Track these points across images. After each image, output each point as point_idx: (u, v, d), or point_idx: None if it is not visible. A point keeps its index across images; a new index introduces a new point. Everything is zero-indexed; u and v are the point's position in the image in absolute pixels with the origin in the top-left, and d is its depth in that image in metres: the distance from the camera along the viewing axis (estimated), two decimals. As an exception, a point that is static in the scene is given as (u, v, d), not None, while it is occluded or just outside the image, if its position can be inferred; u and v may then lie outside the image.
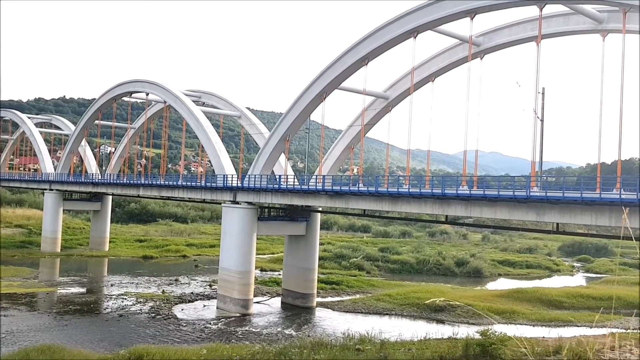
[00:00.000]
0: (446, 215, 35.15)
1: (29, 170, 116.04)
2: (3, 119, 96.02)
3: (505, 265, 72.50)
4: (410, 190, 33.93)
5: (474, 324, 39.08)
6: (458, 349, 24.51)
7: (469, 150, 34.72)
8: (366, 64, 38.17)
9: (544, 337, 30.18)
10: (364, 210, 40.09)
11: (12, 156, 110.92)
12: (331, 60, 39.66)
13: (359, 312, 43.48)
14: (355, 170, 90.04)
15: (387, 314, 43.21)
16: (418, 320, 41.42)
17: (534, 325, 39.93)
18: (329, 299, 48.44)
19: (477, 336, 25.19)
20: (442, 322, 40.75)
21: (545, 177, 31.87)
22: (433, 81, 40.06)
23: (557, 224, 29.56)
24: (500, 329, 29.34)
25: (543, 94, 32.47)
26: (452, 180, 34.12)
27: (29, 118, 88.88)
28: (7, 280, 50.18)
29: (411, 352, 24.04)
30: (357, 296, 49.35)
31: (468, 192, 30.91)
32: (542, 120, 32.15)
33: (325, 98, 40.94)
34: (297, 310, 44.10)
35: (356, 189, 36.99)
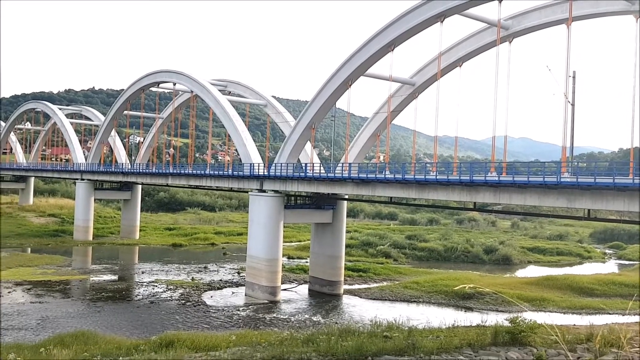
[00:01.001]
0: (474, 202, 34.76)
1: (61, 160, 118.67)
2: (35, 111, 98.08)
3: (535, 252, 71.61)
4: (438, 177, 33.63)
5: (502, 311, 38.74)
6: (487, 337, 24.27)
7: (497, 136, 34.20)
8: (392, 50, 37.77)
9: (574, 325, 29.73)
10: (391, 197, 39.89)
11: (44, 147, 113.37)
12: (357, 47, 39.35)
13: (386, 300, 43.48)
14: (381, 158, 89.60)
15: (414, 301, 43.11)
16: (446, 308, 41.24)
17: (564, 313, 39.40)
18: (356, 286, 48.53)
19: (506, 324, 24.89)
20: (470, 309, 40.50)
21: (576, 163, 31.17)
22: (460, 66, 39.46)
23: (589, 210, 28.99)
24: (530, 316, 29.01)
25: (574, 77, 31.73)
26: (481, 167, 33.70)
27: (60, 109, 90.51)
28: (42, 268, 51.55)
29: (439, 340, 23.91)
30: (384, 284, 49.34)
31: (497, 178, 30.48)
32: (573, 105, 31.45)
33: (351, 85, 40.70)
34: (324, 297, 44.32)
35: (383, 176, 36.82)
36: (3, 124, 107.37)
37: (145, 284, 46.78)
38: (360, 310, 40.11)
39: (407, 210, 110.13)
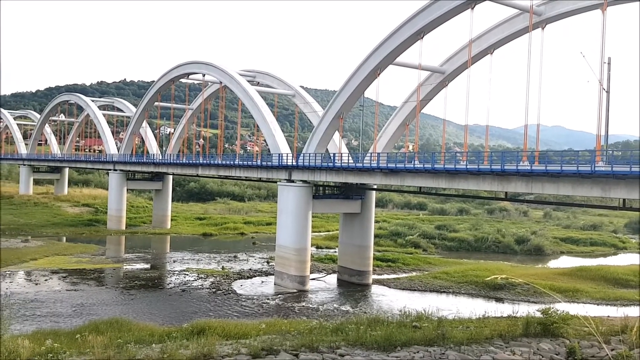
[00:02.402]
0: (506, 192, 34.26)
1: (94, 151, 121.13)
2: (68, 103, 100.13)
3: (568, 242, 70.34)
4: (468, 166, 33.20)
5: (534, 302, 38.23)
6: (518, 328, 23.99)
7: (530, 125, 33.58)
8: (421, 38, 37.31)
9: (608, 317, 29.16)
10: (420, 187, 39.61)
11: (78, 138, 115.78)
12: (385, 35, 38.98)
13: (415, 290, 43.32)
14: (410, 147, 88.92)
15: (444, 291, 42.84)
16: (476, 299, 40.88)
17: (598, 305, 38.67)
18: (385, 276, 48.45)
19: (538, 315, 24.58)
20: (501, 300, 40.07)
21: (611, 151, 30.41)
22: (492, 54, 38.73)
23: (624, 200, 28.27)
24: (563, 307, 28.56)
25: (609, 64, 30.84)
26: (512, 156, 33.11)
27: (93, 101, 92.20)
28: (77, 256, 52.84)
29: (469, 330, 23.74)
30: (414, 274, 49.14)
31: (529, 167, 29.95)
32: (607, 92, 30.61)
33: (379, 74, 40.39)
34: (353, 287, 44.38)
35: (412, 166, 36.53)
36: (38, 115, 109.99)
37: (176, 272, 47.55)
38: (389, 300, 40.05)
39: (437, 200, 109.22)
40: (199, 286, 42.29)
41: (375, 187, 47.30)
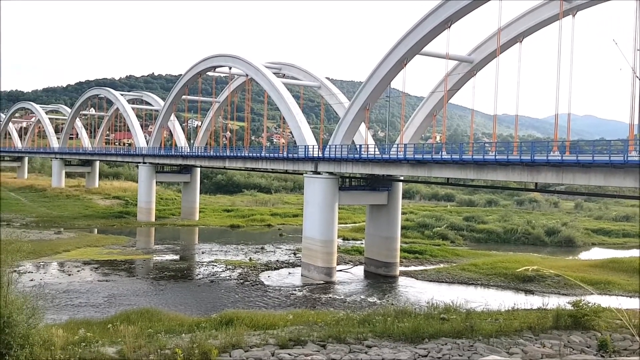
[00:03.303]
0: (536, 183, 33.71)
1: (124, 144, 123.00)
2: (98, 97, 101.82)
3: (600, 234, 69.01)
4: (497, 157, 32.75)
5: (565, 294, 37.63)
6: (548, 320, 23.69)
7: (560, 114, 32.93)
8: (449, 27, 36.80)
9: (642, 310, 28.54)
10: (448, 178, 39.22)
11: (107, 132, 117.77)
12: (412, 25, 38.56)
13: (443, 282, 43.04)
14: (437, 138, 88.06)
15: (472, 283, 42.46)
16: (505, 291, 40.42)
17: (630, 297, 37.86)
18: (412, 268, 48.25)
19: (569, 307, 24.21)
20: (531, 292, 39.55)
21: (645, 141, 29.61)
22: (521, 42, 37.99)
23: (659, 190, 27.53)
24: (594, 299, 28.05)
25: (644, 50, 29.94)
26: (542, 146, 32.51)
27: (122, 95, 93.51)
28: (108, 248, 53.89)
29: (498, 322, 23.52)
30: (441, 265, 48.81)
31: (560, 157, 29.38)
32: (642, 79, 29.75)
33: (406, 64, 40.02)
34: (380, 278, 44.32)
35: (439, 157, 36.17)
36: (69, 110, 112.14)
37: (205, 263, 48.13)
38: (417, 292, 39.88)
39: (465, 192, 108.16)
40: (227, 277, 42.74)
41: (402, 178, 47.02)
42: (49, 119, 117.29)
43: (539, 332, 22.73)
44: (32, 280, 37.92)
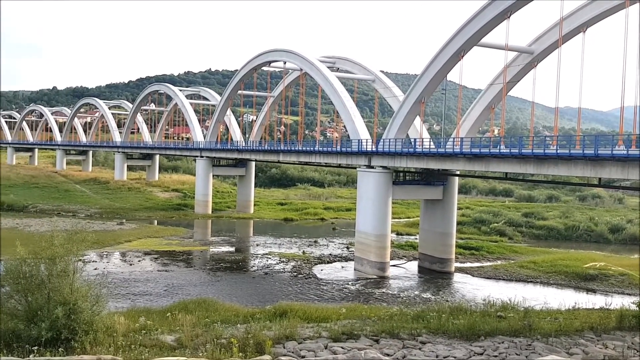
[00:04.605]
0: (599, 178, 32.40)
1: (182, 139, 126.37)
2: (158, 92, 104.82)
3: (669, 232, 65.51)
4: (558, 151, 31.62)
5: (629, 294, 36.02)
6: (611, 320, 22.75)
7: (626, 106, 31.40)
8: (508, 17, 35.74)
9: None
10: (506, 173, 38.21)
11: (167, 126, 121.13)
12: (470, 16, 37.67)
13: (500, 279, 42.04)
14: (496, 132, 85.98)
15: (531, 281, 41.28)
16: (566, 289, 39.08)
17: (703, 300, 35.80)
18: (468, 264, 47.37)
19: (634, 307, 23.18)
20: (593, 291, 38.07)
21: None
22: (584, 32, 36.46)
23: None
24: (663, 301, 26.71)
25: None
26: (607, 140, 31.14)
27: (180, 90, 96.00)
28: (167, 239, 55.55)
29: (558, 322, 22.76)
30: (498, 262, 47.67)
31: (625, 152, 28.08)
32: None
33: (463, 56, 39.17)
34: (434, 274, 43.74)
35: (497, 151, 35.27)
36: (131, 105, 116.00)
37: (259, 256, 48.86)
38: (472, 288, 39.13)
39: (524, 187, 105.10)
40: (281, 270, 43.24)
41: (458, 173, 46.17)
42: (112, 114, 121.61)
43: (601, 333, 21.85)
44: (95, 269, 39.55)
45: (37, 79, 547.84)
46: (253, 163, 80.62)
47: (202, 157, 78.84)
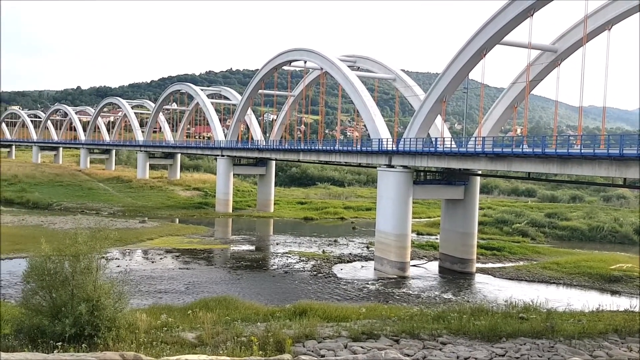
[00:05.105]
0: (624, 178, 31.80)
1: (203, 138, 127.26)
2: (180, 92, 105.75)
3: (697, 234, 64.05)
4: (583, 150, 31.14)
5: (656, 297, 35.30)
6: (636, 323, 22.35)
7: (653, 105, 30.76)
8: (531, 15, 35.27)
9: None
10: (529, 173, 37.75)
11: (188, 125, 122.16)
12: (492, 14, 37.29)
13: (522, 280, 41.54)
14: (518, 131, 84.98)
15: (554, 283, 40.71)
16: (589, 291, 38.47)
17: None
18: (490, 265, 46.91)
19: (661, 311, 22.73)
20: (617, 293, 37.41)
21: None
22: (609, 29, 35.85)
23: None
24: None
25: None
26: (632, 139, 30.56)
27: (202, 90, 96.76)
28: (188, 237, 56.02)
29: (581, 324, 22.43)
30: (521, 263, 47.13)
31: (652, 151, 27.51)
32: None
33: (485, 54, 38.78)
34: (455, 275, 43.40)
35: (520, 150, 34.86)
36: (153, 104, 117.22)
37: (279, 254, 49.01)
38: (494, 289, 38.74)
39: (547, 187, 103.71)
40: (301, 269, 43.31)
41: (479, 172, 45.75)
42: (135, 113, 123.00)
43: (625, 336, 21.48)
44: (118, 266, 40.05)
45: (62, 79, 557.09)
46: (273, 162, 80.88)
47: (223, 156, 79.34)
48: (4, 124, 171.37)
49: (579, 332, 21.09)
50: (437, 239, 53.91)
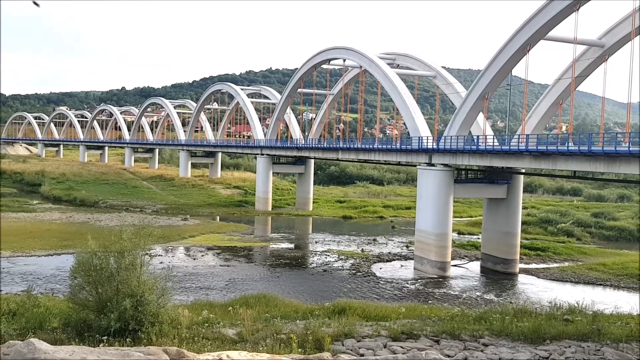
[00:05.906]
0: (676, 177, 30.54)
1: (243, 137, 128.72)
2: (220, 92, 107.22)
3: None
4: (631, 148, 30.09)
5: None
6: (689, 328, 21.42)
7: None
8: (577, 10, 34.30)
9: None
10: (574, 171, 36.76)
11: (229, 124, 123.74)
12: (536, 8, 36.41)
13: (567, 281, 40.47)
14: (563, 128, 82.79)
15: (600, 284, 39.52)
16: (638, 293, 37.15)
17: None
18: (533, 265, 45.87)
19: None
20: (668, 297, 36.01)
21: None
22: (661, 22, 34.50)
23: None
24: None
25: None
26: (685, 136, 29.40)
27: (242, 89, 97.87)
28: (229, 234, 56.77)
29: (629, 327, 21.66)
30: (566, 264, 45.92)
31: None
32: None
33: (529, 50, 37.91)
34: (497, 275, 42.62)
35: (565, 148, 33.95)
36: (194, 104, 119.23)
37: (318, 253, 49.12)
38: (538, 290, 37.86)
39: (594, 186, 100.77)
40: (340, 267, 43.30)
41: (523, 171, 44.78)
42: (177, 113, 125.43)
43: (677, 341, 20.63)
44: (161, 262, 40.90)
45: (107, 80, 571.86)
46: (312, 161, 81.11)
47: (262, 154, 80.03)
48: (52, 124, 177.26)
49: (627, 335, 20.38)
50: (478, 238, 53.06)
